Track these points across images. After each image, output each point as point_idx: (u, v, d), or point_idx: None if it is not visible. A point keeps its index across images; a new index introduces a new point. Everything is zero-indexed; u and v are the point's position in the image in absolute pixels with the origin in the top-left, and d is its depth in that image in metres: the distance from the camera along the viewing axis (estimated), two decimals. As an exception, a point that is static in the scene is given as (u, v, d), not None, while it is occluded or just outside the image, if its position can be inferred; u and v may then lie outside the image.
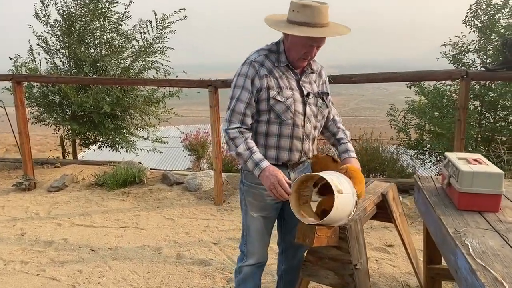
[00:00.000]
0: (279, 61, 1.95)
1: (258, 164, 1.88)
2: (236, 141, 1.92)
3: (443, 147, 5.00)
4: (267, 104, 1.92)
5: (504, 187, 1.88)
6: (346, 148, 2.09)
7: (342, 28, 1.90)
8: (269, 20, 1.94)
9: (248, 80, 1.91)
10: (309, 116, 1.99)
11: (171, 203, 4.51)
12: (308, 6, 1.83)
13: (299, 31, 1.82)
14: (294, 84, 1.97)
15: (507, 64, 3.48)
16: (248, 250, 2.15)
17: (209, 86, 4.34)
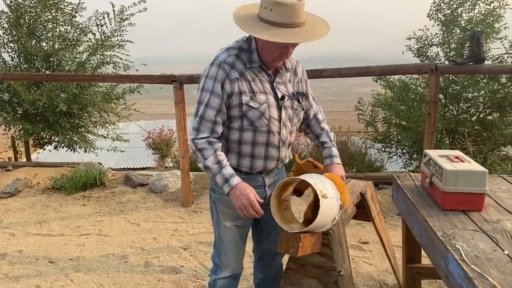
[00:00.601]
0: (251, 61, 1.77)
1: (228, 181, 1.74)
2: (205, 153, 1.75)
3: (411, 140, 5.05)
4: (239, 110, 1.76)
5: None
6: (330, 154, 1.95)
7: (320, 26, 1.73)
8: (238, 17, 1.74)
9: (217, 84, 1.73)
10: (285, 121, 1.84)
11: (135, 206, 4.27)
12: (282, 4, 1.63)
13: (272, 35, 1.63)
14: (268, 87, 1.80)
15: (474, 58, 3.51)
16: (222, 262, 2.00)
17: (173, 82, 4.13)
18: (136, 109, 7.16)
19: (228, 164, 1.77)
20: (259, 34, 1.65)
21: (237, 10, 1.80)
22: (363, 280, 2.84)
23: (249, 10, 1.77)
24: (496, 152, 4.79)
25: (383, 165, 5.52)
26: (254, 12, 1.73)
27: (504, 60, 4.89)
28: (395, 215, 3.89)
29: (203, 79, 1.77)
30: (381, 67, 3.77)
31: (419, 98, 5.11)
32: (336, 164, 1.93)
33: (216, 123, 1.76)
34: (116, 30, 6.74)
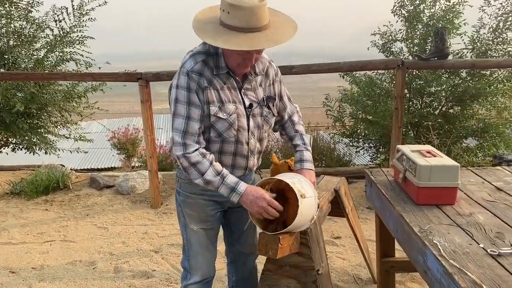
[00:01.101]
0: (218, 67, 1.66)
1: (235, 189, 1.64)
2: (201, 167, 1.64)
3: (377, 134, 5.14)
4: (207, 120, 1.67)
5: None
6: (301, 158, 1.89)
7: (285, 29, 1.60)
8: (198, 22, 1.61)
9: (193, 94, 1.63)
10: (253, 130, 1.76)
11: (102, 209, 4.12)
12: (238, 7, 1.50)
13: (225, 42, 1.51)
14: (237, 95, 1.71)
15: (438, 53, 3.60)
16: (191, 266, 1.93)
17: (139, 80, 4.00)
18: (99, 107, 6.90)
19: (227, 172, 1.68)
20: (211, 39, 1.54)
21: (200, 14, 1.67)
22: (337, 275, 2.86)
23: (214, 12, 1.65)
24: (459, 144, 4.96)
25: (351, 159, 5.60)
26: (217, 15, 1.61)
27: (464, 55, 5.06)
28: (365, 209, 3.95)
29: (174, 90, 1.66)
30: (349, 63, 3.80)
31: (385, 93, 5.20)
32: (306, 169, 1.87)
33: (200, 134, 1.67)
34: (75, 26, 6.46)
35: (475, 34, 5.03)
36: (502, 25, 4.87)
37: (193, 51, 1.69)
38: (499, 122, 5.06)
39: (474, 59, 4.79)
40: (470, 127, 5.10)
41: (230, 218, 2.01)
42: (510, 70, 4.86)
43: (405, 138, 4.91)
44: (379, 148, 5.60)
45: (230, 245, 2.10)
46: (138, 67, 5.51)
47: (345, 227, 3.43)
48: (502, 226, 1.64)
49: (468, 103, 4.98)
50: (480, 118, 5.13)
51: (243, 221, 2.02)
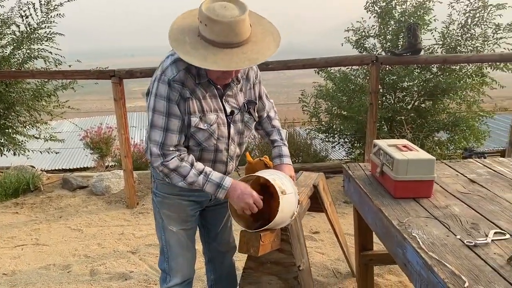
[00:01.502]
0: (200, 75, 1.59)
1: (221, 185, 1.62)
2: (181, 170, 1.61)
3: (352, 130, 5.21)
4: (187, 131, 1.63)
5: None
6: (279, 153, 1.88)
7: (265, 44, 1.51)
8: (176, 31, 1.51)
9: (173, 105, 1.56)
10: (233, 137, 1.74)
11: (76, 211, 4.01)
12: (215, 21, 1.42)
13: (202, 61, 1.43)
14: (218, 103, 1.66)
15: (411, 48, 3.67)
16: (171, 268, 1.88)
17: (112, 77, 3.90)
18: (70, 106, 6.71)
19: (211, 169, 1.65)
20: (188, 56, 1.45)
21: (182, 17, 1.57)
22: (317, 270, 2.88)
23: (193, 21, 1.53)
24: (431, 138, 5.08)
25: (328, 154, 5.65)
26: (197, 24, 1.51)
27: (435, 50, 5.18)
28: (343, 203, 3.99)
29: (153, 98, 1.58)
30: (325, 59, 3.83)
31: (359, 88, 5.27)
32: (285, 164, 1.86)
33: (179, 144, 1.62)
34: (43, 22, 6.24)
35: (445, 30, 5.16)
36: (470, 21, 5.02)
37: (175, 56, 1.59)
38: (468, 115, 5.22)
39: (445, 54, 4.92)
40: (442, 121, 5.23)
41: (207, 217, 1.99)
42: (478, 65, 5.01)
43: (379, 132, 5.00)
44: (354, 143, 5.68)
45: (207, 244, 2.08)
46: (107, 65, 5.38)
47: (323, 222, 3.46)
48: (477, 217, 1.68)
49: (439, 97, 5.11)
50: (450, 112, 5.27)
51: (220, 219, 2.01)
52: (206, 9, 1.45)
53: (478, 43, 5.00)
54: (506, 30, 4.89)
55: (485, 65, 4.94)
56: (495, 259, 1.37)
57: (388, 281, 2.68)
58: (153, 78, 1.62)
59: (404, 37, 4.65)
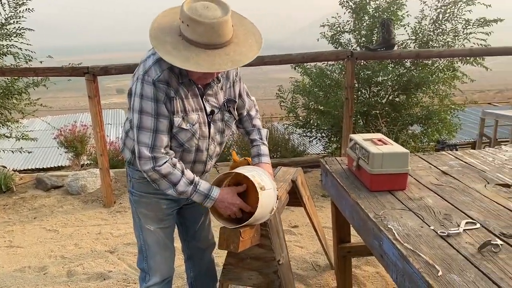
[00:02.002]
0: (182, 74, 1.57)
1: (209, 196, 1.63)
2: (172, 178, 1.59)
3: (329, 124, 5.27)
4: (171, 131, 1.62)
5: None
6: (258, 152, 1.89)
7: (247, 46, 1.51)
8: (157, 30, 1.49)
9: (160, 105, 1.54)
10: (213, 136, 1.74)
11: (51, 211, 3.92)
12: (198, 21, 1.41)
13: (184, 60, 1.42)
14: (199, 103, 1.65)
15: (385, 44, 3.74)
16: (150, 267, 1.87)
17: (85, 74, 3.82)
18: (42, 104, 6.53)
19: (199, 178, 1.65)
20: (170, 56, 1.43)
21: (163, 15, 1.55)
22: (296, 263, 2.91)
23: (178, 15, 1.50)
24: (405, 131, 5.20)
25: (306, 149, 5.70)
26: (178, 23, 1.49)
27: (408, 45, 5.28)
28: (320, 197, 4.05)
29: (138, 99, 1.54)
30: (301, 54, 3.86)
31: (335, 84, 5.33)
32: (264, 163, 1.88)
33: (169, 144, 1.61)
34: (11, 17, 6.04)
35: (417, 25, 5.27)
36: (442, 16, 5.14)
37: (156, 56, 1.54)
38: (441, 109, 5.36)
39: (418, 49, 5.03)
40: (415, 114, 5.35)
41: (184, 215, 1.99)
42: (449, 60, 5.14)
43: (355, 127, 5.08)
44: (331, 138, 5.75)
45: (186, 242, 2.08)
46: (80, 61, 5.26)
47: (302, 216, 3.51)
48: (449, 208, 1.74)
49: (413, 91, 5.22)
50: (424, 105, 5.40)
51: (198, 217, 2.01)
52: (188, 9, 1.43)
53: (449, 38, 5.14)
54: (475, 26, 5.04)
55: (456, 59, 5.08)
56: (466, 248, 1.42)
57: (365, 272, 2.74)
58: (135, 77, 1.58)
59: (378, 33, 4.73)
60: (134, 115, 1.57)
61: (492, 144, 5.36)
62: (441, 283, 1.22)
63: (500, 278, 1.24)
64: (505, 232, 1.51)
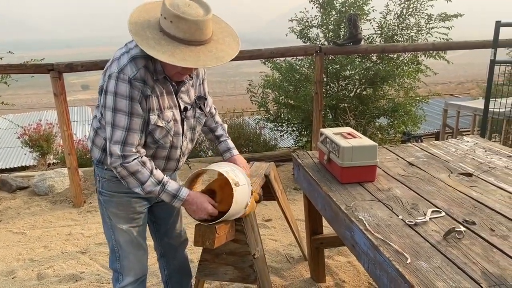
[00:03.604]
0: (156, 71, 1.58)
1: (177, 196, 1.63)
2: (140, 176, 1.58)
3: (299, 118, 5.34)
4: (146, 128, 1.61)
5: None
6: (228, 147, 1.94)
7: (227, 44, 1.55)
8: (136, 26, 1.49)
9: (135, 104, 1.53)
10: (186, 133, 1.75)
11: (17, 213, 3.80)
12: (182, 18, 1.43)
13: (169, 55, 1.43)
14: (173, 100, 1.67)
15: (352, 38, 3.81)
16: (123, 267, 1.86)
17: (50, 71, 3.70)
18: (4, 102, 6.28)
19: (168, 178, 1.64)
20: (155, 51, 1.44)
21: (137, 11, 1.54)
22: (270, 256, 2.95)
23: (153, 11, 1.53)
24: (373, 123, 5.34)
25: (277, 143, 5.76)
26: (156, 17, 1.51)
27: (374, 40, 5.41)
28: (293, 190, 4.11)
29: (112, 97, 1.52)
30: (270, 49, 3.88)
31: (304, 78, 5.40)
32: (236, 155, 1.94)
33: (141, 144, 1.60)
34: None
35: (382, 20, 5.40)
36: (405, 11, 5.29)
37: (130, 53, 1.54)
38: (406, 101, 5.53)
39: (383, 44, 5.16)
40: (382, 107, 5.50)
41: (156, 213, 1.97)
42: (413, 54, 5.31)
43: (325, 120, 5.17)
44: (301, 131, 5.82)
45: (158, 240, 2.07)
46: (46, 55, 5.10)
47: (275, 209, 3.55)
48: (416, 198, 1.82)
49: (379, 84, 5.36)
50: (390, 98, 5.56)
51: (169, 214, 2.00)
52: (171, 6, 1.45)
53: (413, 32, 5.30)
54: (437, 20, 5.22)
55: (420, 53, 5.25)
56: (433, 235, 1.49)
57: (338, 262, 2.82)
58: (108, 74, 1.55)
59: (346, 27, 4.82)
60: (107, 113, 1.55)
61: (455, 134, 5.59)
62: (410, 270, 1.29)
63: (464, 262, 1.32)
64: (467, 219, 1.60)
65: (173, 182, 1.65)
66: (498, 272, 1.26)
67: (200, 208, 1.65)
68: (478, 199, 1.77)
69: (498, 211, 1.66)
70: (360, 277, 2.64)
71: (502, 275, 1.25)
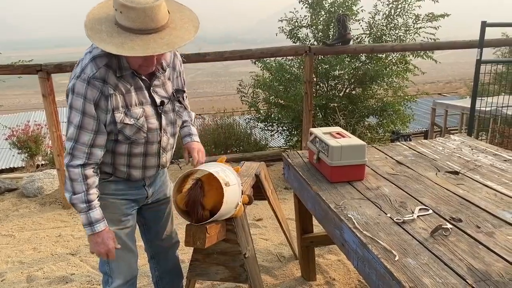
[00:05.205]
0: (121, 68, 1.56)
1: (93, 225, 1.60)
2: (76, 186, 1.56)
3: (290, 118, 5.36)
4: (114, 127, 1.59)
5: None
6: (190, 132, 1.91)
7: (183, 30, 1.52)
8: (92, 21, 1.49)
9: (89, 104, 1.52)
10: (165, 128, 1.72)
11: (6, 215, 3.76)
12: (130, 7, 1.41)
13: (118, 46, 1.42)
14: (145, 95, 1.64)
15: (341, 39, 3.85)
16: (112, 270, 1.83)
17: (39, 72, 3.67)
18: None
19: (97, 205, 1.61)
20: (103, 43, 1.43)
21: (99, 6, 1.54)
22: (261, 255, 2.97)
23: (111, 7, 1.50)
24: (362, 123, 5.38)
25: (268, 143, 5.77)
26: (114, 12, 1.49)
27: (362, 40, 5.46)
28: (283, 190, 4.13)
29: (71, 95, 1.53)
30: (261, 50, 3.90)
31: (294, 78, 5.42)
32: (195, 141, 1.91)
33: (95, 146, 1.57)
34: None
35: (371, 20, 5.45)
36: (394, 11, 5.34)
37: (92, 52, 1.55)
38: (395, 101, 5.59)
39: (372, 43, 5.20)
40: (371, 106, 5.55)
41: (145, 216, 1.95)
42: (402, 53, 5.37)
43: (315, 120, 5.20)
44: (292, 131, 5.85)
45: (149, 242, 2.05)
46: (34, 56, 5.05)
47: (266, 209, 3.57)
48: (404, 196, 1.85)
49: (368, 84, 5.41)
50: (379, 97, 5.61)
51: (159, 217, 1.98)
52: None
53: (401, 32, 5.35)
54: (425, 20, 5.28)
55: (408, 53, 5.31)
56: (420, 233, 1.52)
57: (328, 261, 2.84)
58: (72, 75, 1.56)
59: (335, 27, 4.85)
60: (68, 110, 1.57)
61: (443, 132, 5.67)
62: (398, 267, 1.31)
63: (450, 259, 1.35)
64: (454, 216, 1.63)
65: (98, 212, 1.61)
66: (483, 268, 1.29)
67: (105, 243, 1.63)
68: (465, 197, 1.81)
69: (484, 209, 1.69)
70: (350, 275, 2.67)
71: (487, 270, 1.28)
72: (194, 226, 1.65)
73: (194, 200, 1.63)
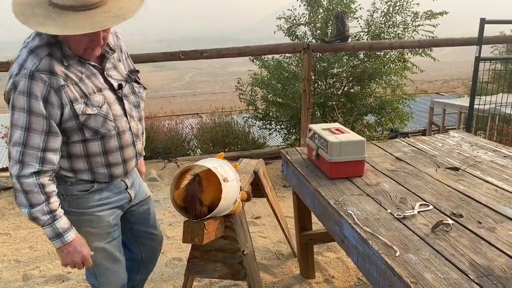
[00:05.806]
0: (66, 56, 1.41)
1: (62, 236, 1.44)
2: (33, 198, 1.38)
3: (288, 116, 5.34)
4: (76, 122, 1.44)
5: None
6: None
7: (127, 1, 1.40)
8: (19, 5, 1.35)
9: (36, 101, 1.34)
10: (130, 112, 1.59)
11: (1, 214, 3.73)
12: None
13: (61, 27, 1.30)
14: (100, 81, 1.51)
15: (340, 36, 3.83)
16: (101, 283, 1.74)
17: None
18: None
19: (62, 213, 1.46)
20: (44, 27, 1.30)
21: None
22: (260, 253, 2.95)
23: None
24: (360, 121, 5.37)
25: (266, 141, 5.75)
26: None
27: (361, 37, 5.44)
28: (282, 188, 4.11)
29: (13, 94, 1.35)
30: (259, 47, 3.88)
31: (292, 76, 5.40)
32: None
33: (47, 150, 1.39)
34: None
35: (369, 18, 5.43)
36: (392, 9, 5.33)
37: (29, 46, 1.39)
38: (393, 99, 5.57)
39: (370, 41, 5.18)
40: (369, 104, 5.53)
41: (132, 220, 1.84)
42: (400, 51, 5.35)
43: (313, 118, 5.17)
44: (290, 129, 5.82)
45: (140, 246, 1.93)
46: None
47: (264, 206, 3.55)
48: (404, 192, 1.83)
49: (367, 82, 5.39)
50: (377, 96, 5.59)
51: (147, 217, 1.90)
52: None
53: (399, 30, 5.33)
54: (423, 18, 5.27)
55: (406, 51, 5.30)
56: (421, 228, 1.50)
57: (327, 258, 2.82)
58: (8, 76, 1.39)
59: (333, 25, 4.83)
60: (10, 113, 1.38)
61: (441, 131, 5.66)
62: (399, 263, 1.29)
63: (452, 254, 1.33)
64: (455, 212, 1.61)
65: (65, 220, 1.46)
66: (485, 263, 1.27)
67: (78, 251, 1.48)
68: (465, 193, 1.79)
69: (484, 204, 1.68)
70: (349, 272, 2.65)
71: (490, 266, 1.26)
72: (192, 222, 1.63)
73: (192, 196, 1.60)
